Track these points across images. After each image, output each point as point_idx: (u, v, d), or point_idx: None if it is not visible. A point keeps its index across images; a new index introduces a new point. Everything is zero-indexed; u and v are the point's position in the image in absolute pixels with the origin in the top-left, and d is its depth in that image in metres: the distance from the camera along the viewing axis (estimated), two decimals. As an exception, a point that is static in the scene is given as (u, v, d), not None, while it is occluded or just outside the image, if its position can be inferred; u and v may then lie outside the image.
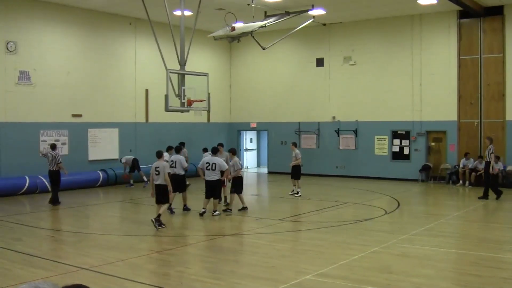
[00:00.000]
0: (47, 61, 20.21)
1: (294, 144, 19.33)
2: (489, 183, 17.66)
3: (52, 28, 20.45)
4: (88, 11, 21.44)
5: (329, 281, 8.29)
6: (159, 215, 12.65)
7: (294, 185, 18.63)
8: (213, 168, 14.16)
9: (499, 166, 20.50)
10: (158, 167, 12.94)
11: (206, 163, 14.34)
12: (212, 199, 14.37)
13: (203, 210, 14.33)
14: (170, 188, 13.00)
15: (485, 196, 17.43)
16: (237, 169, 15.11)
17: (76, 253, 10.34)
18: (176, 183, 14.16)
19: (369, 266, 9.21)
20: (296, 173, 18.57)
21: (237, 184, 15.17)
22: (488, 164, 17.63)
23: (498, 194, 17.50)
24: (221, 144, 17.26)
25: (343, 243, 11.14)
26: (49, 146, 17.60)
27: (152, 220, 12.63)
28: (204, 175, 14.37)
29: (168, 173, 12.97)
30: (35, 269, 9.23)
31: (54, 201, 16.41)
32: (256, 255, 10.38)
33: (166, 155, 15.62)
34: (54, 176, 16.51)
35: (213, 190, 14.26)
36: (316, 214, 15.09)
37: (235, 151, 15.94)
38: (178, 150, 15.64)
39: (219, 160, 14.42)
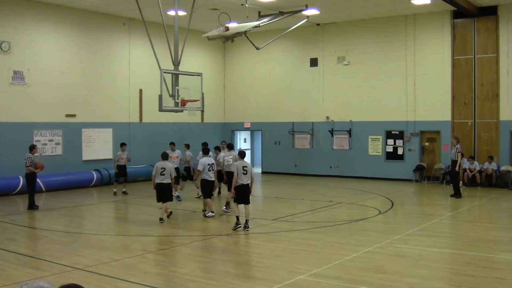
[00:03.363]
0: (41, 61, 20.14)
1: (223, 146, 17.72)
2: (456, 181, 18.18)
3: (46, 28, 20.39)
4: (82, 11, 21.39)
5: (323, 281, 8.30)
6: (247, 221, 12.57)
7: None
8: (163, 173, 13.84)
9: (492, 166, 20.64)
10: (246, 167, 12.82)
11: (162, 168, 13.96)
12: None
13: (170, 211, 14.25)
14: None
15: (456, 194, 17.79)
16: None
17: (70, 253, 10.32)
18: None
19: (363, 266, 9.23)
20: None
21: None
22: (455, 163, 17.93)
23: (457, 193, 17.82)
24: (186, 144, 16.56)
25: (337, 243, 11.16)
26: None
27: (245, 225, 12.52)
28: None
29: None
30: (29, 269, 9.21)
31: (30, 206, 15.64)
32: (250, 255, 10.38)
33: (211, 154, 15.51)
34: (26, 178, 15.78)
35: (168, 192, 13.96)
36: (310, 214, 15.10)
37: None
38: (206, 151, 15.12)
39: (170, 165, 14.09)
